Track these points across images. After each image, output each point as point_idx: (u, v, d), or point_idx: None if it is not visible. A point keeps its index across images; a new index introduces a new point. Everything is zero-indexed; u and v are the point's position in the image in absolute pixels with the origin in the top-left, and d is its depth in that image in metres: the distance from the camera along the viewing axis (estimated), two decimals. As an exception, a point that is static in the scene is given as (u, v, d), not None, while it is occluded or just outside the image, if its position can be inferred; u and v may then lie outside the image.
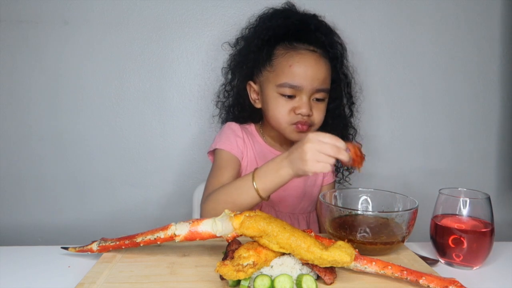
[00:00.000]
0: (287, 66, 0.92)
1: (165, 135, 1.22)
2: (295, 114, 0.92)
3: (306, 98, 0.91)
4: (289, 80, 0.91)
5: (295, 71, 0.91)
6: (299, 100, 0.92)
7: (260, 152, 1.00)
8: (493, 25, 1.23)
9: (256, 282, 0.58)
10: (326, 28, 1.01)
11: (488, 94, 1.26)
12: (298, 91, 0.91)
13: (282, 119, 0.93)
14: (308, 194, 1.04)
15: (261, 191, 0.77)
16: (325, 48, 0.96)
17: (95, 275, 0.62)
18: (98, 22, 1.16)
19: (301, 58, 0.92)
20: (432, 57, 1.23)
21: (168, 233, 0.65)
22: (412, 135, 1.26)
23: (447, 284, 0.59)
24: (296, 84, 0.91)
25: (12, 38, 1.15)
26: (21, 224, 1.22)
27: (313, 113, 0.93)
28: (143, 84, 1.20)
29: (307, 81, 0.90)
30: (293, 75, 0.91)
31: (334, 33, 1.02)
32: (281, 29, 0.97)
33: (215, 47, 1.18)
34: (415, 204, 0.76)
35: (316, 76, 0.91)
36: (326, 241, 0.68)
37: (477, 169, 1.28)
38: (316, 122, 0.94)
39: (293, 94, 0.92)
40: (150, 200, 1.23)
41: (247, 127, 1.04)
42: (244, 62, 1.02)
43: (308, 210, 1.06)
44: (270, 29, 0.98)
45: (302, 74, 0.91)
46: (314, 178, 1.04)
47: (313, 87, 0.91)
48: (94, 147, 1.20)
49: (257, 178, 0.78)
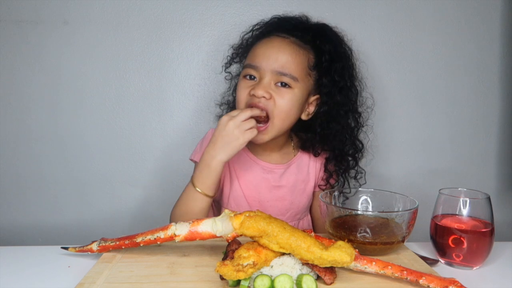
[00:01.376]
0: (253, 49, 0.92)
1: (165, 135, 1.22)
2: (251, 96, 0.88)
3: (266, 80, 0.87)
4: (250, 60, 0.90)
5: (257, 52, 0.90)
6: (259, 82, 0.88)
7: (242, 160, 0.98)
8: (493, 25, 1.23)
9: (256, 282, 0.58)
10: (330, 32, 0.97)
11: (488, 94, 1.26)
12: (258, 73, 0.89)
13: (240, 100, 0.91)
14: (295, 205, 1.00)
15: (206, 191, 0.85)
16: (307, 41, 0.92)
17: (95, 275, 0.62)
18: (98, 22, 1.16)
19: (267, 41, 0.91)
20: (432, 57, 1.23)
21: (168, 233, 0.65)
22: (412, 135, 1.26)
23: (447, 284, 0.59)
24: (255, 64, 0.89)
25: (12, 38, 1.15)
26: (21, 224, 1.22)
27: (273, 97, 0.87)
28: (143, 84, 1.19)
29: (265, 61, 0.87)
30: (254, 55, 0.90)
31: (340, 41, 0.98)
32: (271, 26, 0.97)
33: (215, 47, 1.18)
34: (415, 204, 0.76)
35: (277, 57, 0.87)
36: (326, 241, 0.68)
37: (477, 169, 1.28)
38: (276, 112, 0.87)
39: (254, 75, 0.89)
40: (150, 200, 1.23)
41: None
42: (239, 61, 1.04)
43: (297, 217, 1.02)
44: (262, 28, 0.99)
45: (262, 54, 0.89)
46: (302, 187, 1.00)
47: (272, 68, 0.87)
48: (94, 147, 1.20)
49: (197, 183, 0.86)
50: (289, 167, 0.99)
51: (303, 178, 1.00)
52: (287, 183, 0.98)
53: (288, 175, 0.99)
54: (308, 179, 1.01)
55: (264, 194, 0.97)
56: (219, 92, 1.16)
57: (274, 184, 0.98)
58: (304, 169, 1.01)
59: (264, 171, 0.98)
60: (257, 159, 0.98)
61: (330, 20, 1.03)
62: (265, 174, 0.98)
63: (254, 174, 0.97)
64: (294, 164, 1.00)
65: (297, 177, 0.99)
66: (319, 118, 0.95)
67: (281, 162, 0.99)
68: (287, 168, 0.99)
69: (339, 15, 1.18)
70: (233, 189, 0.97)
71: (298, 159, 1.01)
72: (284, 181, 0.98)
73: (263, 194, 0.97)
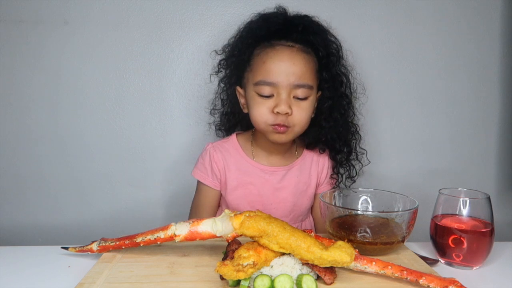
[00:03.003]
0: (262, 63, 0.89)
1: (165, 135, 1.22)
2: (274, 114, 0.87)
3: (284, 95, 0.86)
4: (264, 77, 0.87)
5: (268, 67, 0.87)
6: (277, 97, 0.87)
7: (242, 166, 0.98)
8: (493, 25, 1.23)
9: (256, 282, 0.58)
10: (316, 26, 0.97)
11: (488, 94, 1.26)
12: (274, 89, 0.87)
13: (260, 119, 0.89)
14: (298, 206, 1.01)
15: None
16: (307, 43, 0.92)
17: (95, 275, 0.62)
18: (98, 22, 1.16)
19: (275, 54, 0.88)
20: (432, 57, 1.23)
21: (168, 233, 0.65)
22: (412, 135, 1.26)
23: (447, 284, 0.59)
24: (270, 80, 0.87)
25: (12, 38, 1.15)
26: (21, 224, 1.22)
27: (293, 112, 0.87)
28: (143, 84, 1.19)
29: (282, 76, 0.86)
30: (267, 71, 0.87)
31: (326, 31, 0.98)
32: (262, 30, 0.94)
33: (215, 47, 1.18)
34: (415, 204, 0.76)
35: (291, 70, 0.86)
36: (326, 241, 0.68)
37: (477, 169, 1.28)
38: (296, 122, 0.89)
39: (271, 93, 0.87)
40: (150, 200, 1.23)
41: (224, 144, 1.00)
42: (229, 66, 1.02)
43: (300, 219, 1.04)
44: (251, 31, 0.97)
45: (276, 70, 0.87)
46: (304, 188, 1.01)
47: (289, 83, 0.86)
48: (94, 147, 1.20)
49: None
50: (291, 169, 1.00)
51: (305, 180, 1.01)
52: (289, 184, 0.99)
53: (290, 177, 0.99)
54: (310, 180, 1.01)
55: (267, 197, 0.98)
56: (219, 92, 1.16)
57: (276, 186, 0.98)
58: (306, 171, 1.01)
59: (265, 174, 0.98)
60: (256, 163, 0.99)
61: (331, 20, 1.03)
62: (267, 177, 0.98)
63: (255, 178, 0.98)
64: (296, 167, 1.00)
65: (299, 179, 1.00)
66: (323, 112, 0.96)
67: (283, 164, 1.00)
68: (288, 170, 0.99)
69: (339, 15, 1.18)
70: (236, 196, 0.98)
71: (300, 161, 1.01)
72: (286, 182, 0.99)
73: (266, 197, 0.98)
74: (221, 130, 1.12)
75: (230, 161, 0.98)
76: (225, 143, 1.01)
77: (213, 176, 0.98)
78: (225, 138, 1.04)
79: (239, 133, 1.04)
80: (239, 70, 0.97)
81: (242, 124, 1.06)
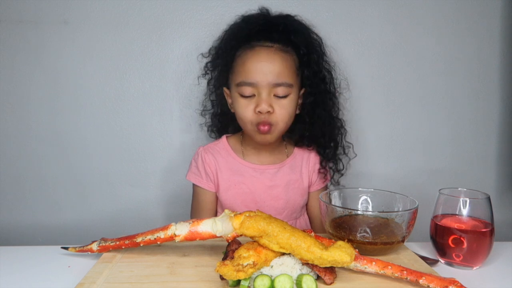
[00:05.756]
0: (242, 64, 0.91)
1: (165, 135, 1.22)
2: (257, 114, 0.89)
3: (264, 94, 0.89)
4: (244, 78, 0.90)
5: (248, 67, 0.90)
6: (258, 97, 0.89)
7: (233, 166, 1.00)
8: (493, 25, 1.23)
9: (256, 282, 0.58)
10: (298, 25, 0.99)
11: (488, 94, 1.26)
12: (255, 89, 0.89)
13: (246, 119, 0.92)
14: (290, 203, 1.01)
15: None
16: (287, 42, 0.94)
17: (95, 275, 0.62)
18: (98, 22, 1.16)
19: (254, 54, 0.91)
20: (432, 57, 1.23)
21: (168, 233, 0.65)
22: (412, 135, 1.26)
23: (447, 284, 0.59)
24: (250, 80, 0.89)
25: (12, 38, 1.15)
26: (21, 224, 1.22)
27: (275, 110, 0.90)
28: (143, 84, 1.19)
29: (260, 75, 0.88)
30: (246, 72, 0.90)
31: (307, 29, 1.00)
32: (243, 32, 0.96)
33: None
34: (415, 204, 0.76)
35: (269, 69, 0.88)
36: (326, 241, 0.68)
37: (477, 169, 1.28)
38: (278, 120, 0.91)
39: (252, 94, 0.90)
40: (150, 200, 1.23)
41: (215, 146, 1.02)
42: (215, 69, 1.04)
43: (294, 216, 1.04)
44: (233, 34, 0.99)
45: (255, 70, 0.89)
46: (296, 185, 1.01)
47: (268, 82, 0.88)
48: (94, 147, 1.20)
49: None
50: (282, 167, 1.01)
51: (296, 177, 1.02)
52: (281, 182, 1.00)
53: (281, 175, 1.00)
54: (302, 178, 1.03)
55: (259, 195, 0.99)
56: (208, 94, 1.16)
57: (268, 184, 0.99)
58: (297, 169, 1.03)
59: (256, 172, 0.99)
60: (247, 162, 1.00)
61: (330, 20, 1.04)
62: (258, 175, 0.99)
63: (247, 177, 0.99)
64: (287, 165, 1.02)
65: (291, 177, 1.01)
66: (305, 108, 0.98)
67: (273, 162, 1.01)
68: (280, 168, 1.01)
69: (339, 15, 1.18)
70: (229, 196, 0.99)
71: (291, 159, 1.03)
72: (278, 180, 1.00)
73: (258, 195, 0.99)
74: (213, 131, 1.13)
75: (221, 162, 1.00)
76: (216, 145, 1.03)
77: (207, 178, 1.00)
78: (215, 140, 1.06)
79: (229, 135, 1.06)
80: (224, 72, 0.99)
81: (234, 124, 1.06)
